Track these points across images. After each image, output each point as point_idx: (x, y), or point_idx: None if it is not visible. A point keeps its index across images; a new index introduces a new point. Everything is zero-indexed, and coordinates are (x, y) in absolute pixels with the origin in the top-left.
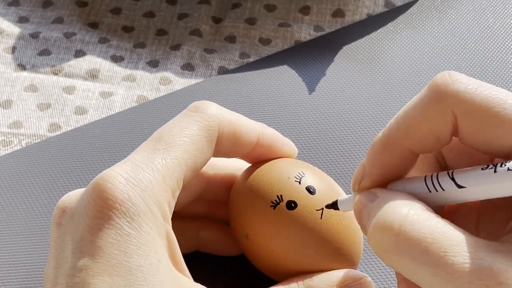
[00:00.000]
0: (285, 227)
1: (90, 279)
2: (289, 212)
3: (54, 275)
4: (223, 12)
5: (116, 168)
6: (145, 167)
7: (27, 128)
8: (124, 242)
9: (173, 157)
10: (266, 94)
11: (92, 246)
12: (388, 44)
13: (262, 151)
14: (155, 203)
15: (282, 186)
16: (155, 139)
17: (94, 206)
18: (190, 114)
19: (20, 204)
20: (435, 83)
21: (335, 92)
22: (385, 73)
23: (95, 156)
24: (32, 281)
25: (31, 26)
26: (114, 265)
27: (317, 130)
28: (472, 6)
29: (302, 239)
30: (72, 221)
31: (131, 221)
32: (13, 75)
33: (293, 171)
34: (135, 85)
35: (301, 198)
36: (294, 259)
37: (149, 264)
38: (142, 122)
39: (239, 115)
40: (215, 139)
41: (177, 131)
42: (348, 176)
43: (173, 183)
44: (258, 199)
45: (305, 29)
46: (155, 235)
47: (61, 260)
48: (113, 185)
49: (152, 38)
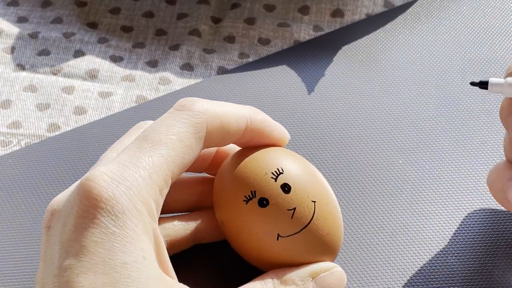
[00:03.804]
0: (256, 224)
1: (74, 277)
2: (260, 209)
3: (42, 276)
4: (222, 12)
5: (101, 167)
6: (131, 165)
7: (26, 128)
8: (109, 240)
9: (159, 155)
10: (265, 94)
11: (77, 246)
12: (387, 44)
13: (252, 136)
14: (140, 201)
15: (258, 181)
16: (141, 138)
17: (79, 206)
18: (177, 112)
19: (19, 205)
20: None
21: (334, 92)
22: (384, 73)
23: (95, 156)
24: (32, 281)
25: (30, 26)
26: (98, 263)
27: (316, 130)
28: (471, 6)
29: (271, 237)
30: (60, 223)
31: (115, 219)
32: (12, 75)
33: (272, 166)
34: (134, 85)
35: (274, 196)
36: (264, 253)
37: (134, 261)
38: None
39: (227, 104)
40: (204, 135)
41: (163, 129)
42: (347, 176)
43: (160, 180)
44: (233, 190)
45: (304, 29)
46: (140, 233)
47: (49, 261)
48: (98, 184)
49: (151, 38)
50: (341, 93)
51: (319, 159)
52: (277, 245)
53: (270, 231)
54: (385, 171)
